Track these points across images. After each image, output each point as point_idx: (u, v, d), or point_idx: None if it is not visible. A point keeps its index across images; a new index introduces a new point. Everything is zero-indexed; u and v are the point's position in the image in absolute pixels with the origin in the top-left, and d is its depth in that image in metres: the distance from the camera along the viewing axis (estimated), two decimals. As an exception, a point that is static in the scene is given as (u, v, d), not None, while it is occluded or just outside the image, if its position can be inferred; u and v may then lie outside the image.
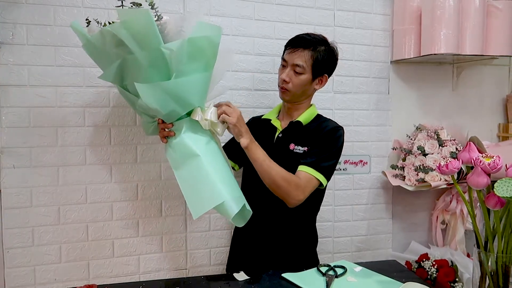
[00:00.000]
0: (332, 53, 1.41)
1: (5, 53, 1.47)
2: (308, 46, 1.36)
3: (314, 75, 1.38)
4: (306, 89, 1.41)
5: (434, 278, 1.70)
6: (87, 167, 1.59)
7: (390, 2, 1.94)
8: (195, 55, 1.16)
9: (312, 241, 1.52)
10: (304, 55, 1.36)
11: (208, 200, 1.15)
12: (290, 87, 1.38)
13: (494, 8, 1.83)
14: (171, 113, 1.19)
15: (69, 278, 1.59)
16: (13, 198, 1.51)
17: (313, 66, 1.36)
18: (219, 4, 1.70)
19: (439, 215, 1.99)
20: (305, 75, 1.37)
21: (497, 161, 0.92)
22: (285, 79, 1.38)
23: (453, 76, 2.07)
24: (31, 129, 1.52)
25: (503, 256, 0.95)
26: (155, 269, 1.70)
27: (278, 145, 1.43)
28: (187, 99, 1.18)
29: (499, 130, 2.15)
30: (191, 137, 1.21)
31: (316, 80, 1.41)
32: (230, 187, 1.19)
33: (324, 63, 1.38)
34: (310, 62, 1.36)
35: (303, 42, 1.37)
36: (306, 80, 1.38)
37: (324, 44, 1.39)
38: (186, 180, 1.20)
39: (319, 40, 1.39)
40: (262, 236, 1.44)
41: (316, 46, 1.37)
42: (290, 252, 1.43)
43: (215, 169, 1.19)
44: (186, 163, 1.20)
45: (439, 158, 1.79)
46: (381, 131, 1.98)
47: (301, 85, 1.38)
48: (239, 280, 1.27)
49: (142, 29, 1.09)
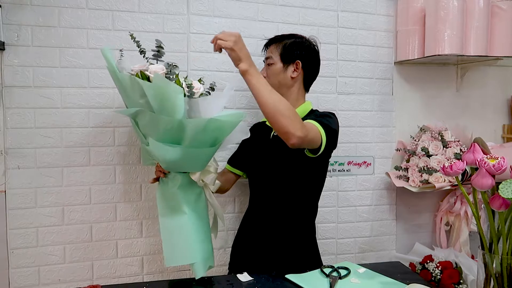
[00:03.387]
0: (303, 40, 1.45)
1: (10, 55, 1.48)
2: (276, 41, 1.45)
3: (284, 62, 1.42)
4: (282, 78, 1.43)
5: (438, 280, 1.69)
6: (91, 168, 1.59)
7: (394, 3, 1.94)
8: (211, 131, 1.21)
9: (311, 238, 1.51)
10: (272, 48, 1.45)
11: (182, 257, 1.24)
12: (268, 81, 1.32)
13: (498, 9, 1.83)
14: (172, 167, 1.25)
15: (73, 278, 1.60)
16: (17, 198, 1.52)
17: (281, 55, 1.42)
18: (222, 5, 1.70)
19: (443, 216, 1.98)
20: (276, 64, 1.43)
21: (502, 162, 0.92)
22: (263, 75, 1.37)
23: (457, 77, 2.06)
24: (35, 130, 1.53)
25: (508, 258, 0.94)
26: (158, 270, 1.70)
27: (274, 144, 1.44)
28: (191, 165, 1.25)
29: (504, 131, 2.14)
30: (183, 192, 1.27)
31: (290, 68, 1.42)
32: (204, 248, 1.27)
33: (292, 49, 1.42)
34: (277, 52, 1.43)
35: (271, 39, 1.48)
36: (277, 69, 1.42)
37: (294, 37, 1.45)
38: (167, 229, 1.27)
39: (288, 35, 1.47)
40: (265, 237, 1.45)
41: (283, 39, 1.44)
42: (291, 252, 1.43)
43: (197, 229, 1.26)
44: (172, 216, 1.26)
45: (443, 159, 1.79)
46: (384, 132, 1.97)
47: (274, 74, 1.43)
48: (242, 281, 1.27)
49: (170, 100, 1.12)
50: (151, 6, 1.62)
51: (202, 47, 1.68)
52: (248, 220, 1.54)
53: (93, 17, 1.56)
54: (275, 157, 1.42)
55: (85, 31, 1.55)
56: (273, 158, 1.43)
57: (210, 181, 1.31)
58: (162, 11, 1.63)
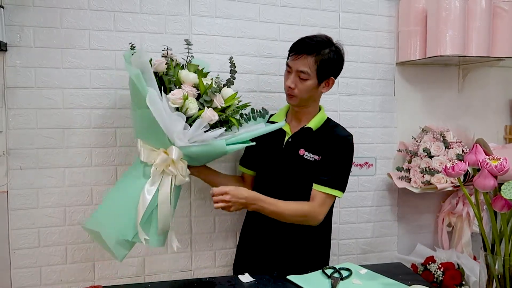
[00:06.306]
0: (338, 54, 1.39)
1: (12, 55, 1.49)
2: (312, 52, 1.34)
3: (320, 80, 1.37)
4: (313, 93, 1.40)
5: (440, 281, 1.69)
6: (93, 169, 1.59)
7: (395, 3, 1.94)
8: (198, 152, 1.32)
9: (325, 244, 1.51)
10: (308, 61, 1.34)
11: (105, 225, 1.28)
12: (296, 93, 1.38)
13: (500, 9, 1.82)
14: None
15: (75, 279, 1.60)
16: (19, 199, 1.52)
17: (317, 71, 1.35)
18: (224, 6, 1.70)
19: (445, 217, 1.98)
20: (311, 80, 1.36)
21: (504, 163, 0.91)
22: (291, 86, 1.37)
23: (459, 78, 2.06)
24: (37, 131, 1.53)
25: (510, 259, 0.94)
26: (160, 271, 1.70)
27: (287, 150, 1.43)
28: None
29: (506, 132, 2.14)
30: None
31: (322, 84, 1.40)
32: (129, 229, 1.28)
33: (329, 66, 1.37)
34: (314, 67, 1.34)
35: (307, 48, 1.34)
36: (311, 85, 1.37)
37: (329, 46, 1.37)
38: (115, 199, 1.34)
39: (323, 42, 1.36)
40: (272, 238, 1.45)
41: (320, 50, 1.34)
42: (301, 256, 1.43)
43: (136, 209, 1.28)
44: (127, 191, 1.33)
45: (445, 160, 1.78)
46: (386, 133, 1.97)
47: (307, 90, 1.38)
48: (244, 282, 1.27)
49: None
50: (152, 7, 1.62)
51: (204, 48, 1.68)
52: (254, 221, 1.51)
53: (95, 18, 1.56)
54: (287, 164, 1.42)
55: (87, 32, 1.55)
56: (285, 165, 1.43)
57: (182, 170, 1.31)
58: (163, 12, 1.63)
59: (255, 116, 1.44)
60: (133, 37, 1.59)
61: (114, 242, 1.27)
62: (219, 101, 1.35)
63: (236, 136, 1.34)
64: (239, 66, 1.73)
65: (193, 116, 1.30)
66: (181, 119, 1.26)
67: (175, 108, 1.28)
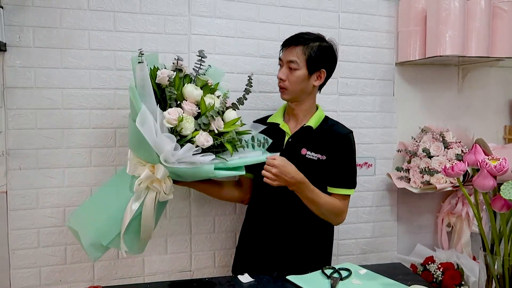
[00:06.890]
0: (328, 49, 1.42)
1: (11, 56, 1.49)
2: (299, 43, 1.38)
3: (310, 70, 1.39)
4: (304, 85, 1.40)
5: (439, 281, 1.69)
6: (93, 169, 1.59)
7: (395, 3, 1.94)
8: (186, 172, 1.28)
9: (327, 245, 1.51)
10: (297, 50, 1.37)
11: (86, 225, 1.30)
12: (287, 85, 1.39)
13: (500, 10, 1.83)
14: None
15: (74, 279, 1.60)
16: (19, 199, 1.52)
17: (307, 61, 1.37)
18: (223, 6, 1.70)
19: (445, 217, 1.98)
20: (300, 70, 1.38)
21: (503, 163, 0.91)
22: (282, 77, 1.39)
23: (458, 78, 2.06)
24: (37, 131, 1.53)
25: (509, 259, 0.94)
26: (159, 271, 1.70)
27: (288, 150, 1.43)
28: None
29: (505, 132, 2.14)
30: None
31: (313, 76, 1.40)
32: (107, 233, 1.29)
33: (318, 57, 1.39)
34: (303, 57, 1.37)
35: (296, 39, 1.39)
36: (302, 76, 1.38)
37: (319, 41, 1.40)
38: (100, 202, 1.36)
39: (313, 37, 1.41)
40: (272, 238, 1.44)
41: (309, 42, 1.38)
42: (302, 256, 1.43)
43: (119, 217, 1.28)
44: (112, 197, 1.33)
45: (444, 160, 1.78)
46: (386, 133, 1.97)
47: (297, 81, 1.39)
48: (243, 282, 1.27)
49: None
50: (152, 7, 1.62)
51: (203, 48, 1.68)
52: (254, 222, 1.51)
53: (94, 18, 1.56)
54: None
55: (86, 32, 1.55)
56: None
57: (166, 188, 1.28)
58: (163, 12, 1.63)
59: (254, 144, 1.37)
60: (132, 37, 1.59)
61: (89, 244, 1.29)
62: (218, 125, 1.29)
63: (226, 163, 1.28)
64: (239, 66, 1.74)
65: (187, 137, 1.25)
66: (171, 142, 1.20)
67: (169, 128, 1.24)
